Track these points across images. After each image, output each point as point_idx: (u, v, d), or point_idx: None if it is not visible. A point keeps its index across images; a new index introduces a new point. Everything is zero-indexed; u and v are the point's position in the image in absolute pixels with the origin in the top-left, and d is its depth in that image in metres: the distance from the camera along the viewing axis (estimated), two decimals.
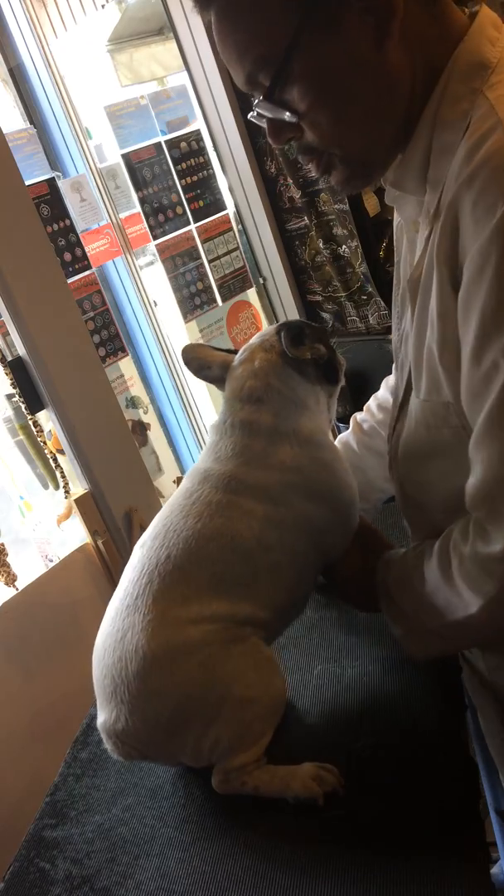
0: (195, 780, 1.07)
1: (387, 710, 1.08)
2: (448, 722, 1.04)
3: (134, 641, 0.98)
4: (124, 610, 1.01)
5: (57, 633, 2.01)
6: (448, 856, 0.85)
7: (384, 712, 1.07)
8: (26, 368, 1.98)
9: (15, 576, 1.98)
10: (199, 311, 2.78)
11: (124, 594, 1.03)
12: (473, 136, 0.78)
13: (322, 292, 2.75)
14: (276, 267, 2.84)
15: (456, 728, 1.03)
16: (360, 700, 1.11)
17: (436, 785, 0.94)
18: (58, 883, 0.99)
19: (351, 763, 0.99)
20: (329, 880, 0.86)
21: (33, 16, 2.42)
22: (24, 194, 2.00)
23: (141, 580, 1.02)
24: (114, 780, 1.13)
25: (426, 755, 0.99)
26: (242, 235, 2.88)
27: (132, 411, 2.68)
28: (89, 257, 2.41)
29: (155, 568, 1.01)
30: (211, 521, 1.03)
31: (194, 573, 1.01)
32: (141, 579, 1.02)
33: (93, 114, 2.57)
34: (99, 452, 2.10)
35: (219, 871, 0.92)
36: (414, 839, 0.88)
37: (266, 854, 0.93)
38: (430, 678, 1.10)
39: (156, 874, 0.95)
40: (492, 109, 0.78)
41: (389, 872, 0.85)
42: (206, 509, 1.04)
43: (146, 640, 0.97)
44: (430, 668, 1.11)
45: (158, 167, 2.66)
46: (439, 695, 1.08)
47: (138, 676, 0.97)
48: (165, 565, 1.01)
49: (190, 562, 1.01)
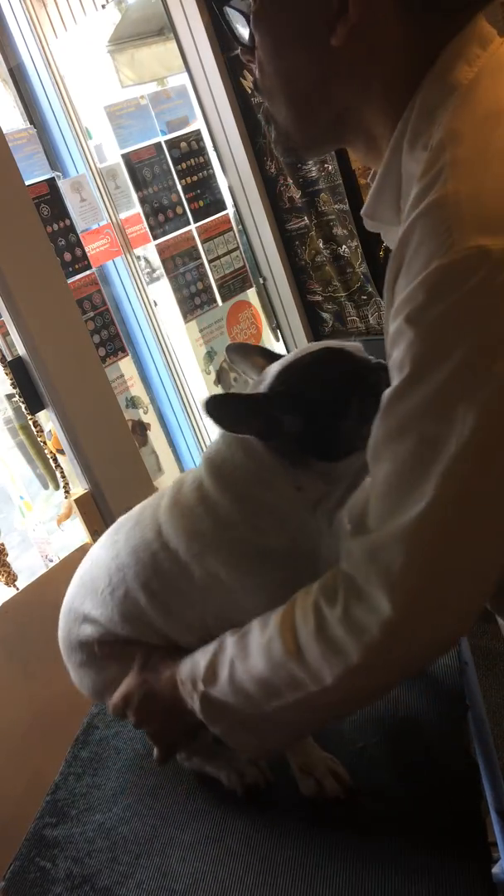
0: (196, 780, 1.07)
1: (387, 710, 1.08)
2: (448, 722, 1.04)
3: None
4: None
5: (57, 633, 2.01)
6: (448, 856, 0.85)
7: (385, 712, 1.08)
8: (26, 368, 1.99)
9: (15, 576, 1.98)
10: (199, 311, 2.78)
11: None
12: (425, 175, 0.68)
13: (322, 292, 2.75)
14: (276, 267, 2.84)
15: (456, 728, 1.03)
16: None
17: (436, 785, 0.95)
18: (58, 882, 0.99)
19: (351, 763, 0.99)
20: (329, 880, 0.87)
21: (33, 16, 2.42)
22: (24, 194, 2.00)
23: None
24: (114, 779, 1.13)
25: (426, 755, 0.99)
26: (242, 235, 2.88)
27: (132, 411, 2.68)
28: (89, 257, 2.41)
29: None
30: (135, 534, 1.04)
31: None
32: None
33: (93, 114, 2.57)
34: (99, 452, 2.10)
35: (220, 871, 0.92)
36: (414, 839, 0.88)
37: (267, 854, 0.93)
38: (431, 678, 1.11)
39: (157, 873, 0.95)
40: (441, 148, 0.68)
41: (390, 872, 0.85)
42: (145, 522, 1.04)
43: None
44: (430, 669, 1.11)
45: (158, 167, 2.66)
46: (439, 695, 1.08)
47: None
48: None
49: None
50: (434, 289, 0.61)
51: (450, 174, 0.64)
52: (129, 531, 1.06)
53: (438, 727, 1.03)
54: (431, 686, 1.09)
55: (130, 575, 1.02)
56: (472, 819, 0.90)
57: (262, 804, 0.99)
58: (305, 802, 0.97)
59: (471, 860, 0.85)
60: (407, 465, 0.65)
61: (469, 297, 0.60)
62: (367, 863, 0.87)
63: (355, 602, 0.69)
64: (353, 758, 1.01)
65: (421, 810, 0.92)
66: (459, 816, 0.90)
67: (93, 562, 1.11)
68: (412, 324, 0.63)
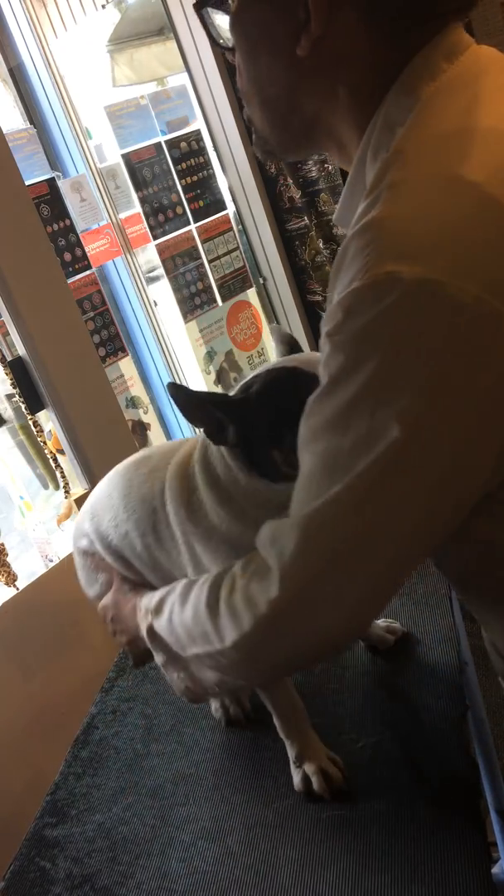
0: (196, 780, 1.07)
1: (387, 709, 1.08)
2: (448, 722, 1.04)
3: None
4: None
5: (57, 633, 2.01)
6: (448, 855, 0.85)
7: (384, 712, 1.08)
8: (26, 368, 1.99)
9: (15, 576, 1.98)
10: (199, 311, 2.78)
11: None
12: (371, 193, 0.67)
13: (322, 292, 2.75)
14: (276, 267, 2.85)
15: (456, 728, 1.03)
16: (360, 700, 1.11)
17: (436, 785, 0.95)
18: (58, 882, 0.99)
19: (351, 762, 0.99)
20: (329, 880, 0.87)
21: (33, 16, 2.43)
22: (24, 194, 2.00)
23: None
24: (114, 779, 1.13)
25: (426, 755, 0.99)
26: (242, 235, 2.89)
27: (132, 411, 2.68)
28: (89, 257, 2.41)
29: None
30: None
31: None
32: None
33: (93, 114, 2.57)
34: (99, 452, 2.10)
35: (219, 871, 0.93)
36: (414, 839, 0.88)
37: (266, 854, 0.93)
38: (431, 678, 1.11)
39: (156, 874, 0.95)
40: (386, 167, 0.68)
41: (390, 872, 0.85)
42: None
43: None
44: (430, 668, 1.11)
45: (158, 167, 2.66)
46: (439, 695, 1.08)
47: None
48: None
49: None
50: (349, 308, 0.64)
51: (386, 196, 0.65)
52: (146, 475, 1.09)
53: (438, 727, 1.03)
54: (431, 686, 1.09)
55: (133, 520, 1.07)
56: (472, 819, 0.90)
57: (262, 805, 0.99)
58: (305, 802, 0.97)
59: (471, 860, 0.85)
60: (319, 465, 0.68)
61: (381, 316, 0.62)
62: (366, 862, 0.87)
63: (257, 578, 0.73)
64: (352, 756, 1.01)
65: (421, 810, 0.92)
66: (459, 816, 0.90)
67: (110, 485, 1.16)
68: (330, 338, 0.66)
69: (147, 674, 1.33)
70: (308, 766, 0.98)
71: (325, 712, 1.10)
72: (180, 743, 1.15)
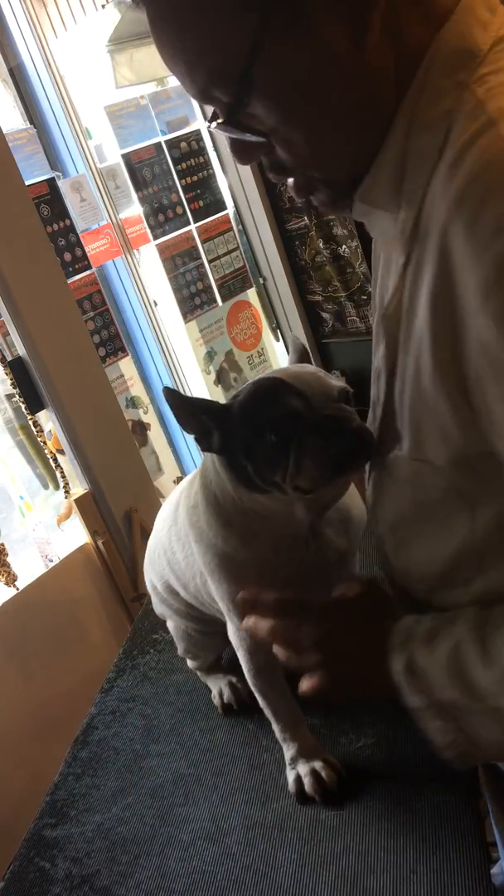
0: (195, 780, 1.07)
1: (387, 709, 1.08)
2: None
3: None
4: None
5: (57, 633, 2.01)
6: (448, 856, 0.85)
7: (384, 711, 1.07)
8: (26, 368, 1.99)
9: (15, 576, 1.99)
10: (199, 311, 2.79)
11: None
12: (458, 141, 0.63)
13: (322, 292, 2.75)
14: (276, 267, 2.85)
15: None
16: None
17: (435, 785, 0.94)
18: (58, 882, 0.99)
19: (350, 762, 0.99)
20: (329, 880, 0.87)
21: (33, 16, 2.43)
22: (24, 194, 2.00)
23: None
24: (114, 779, 1.13)
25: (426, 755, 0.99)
26: (242, 235, 2.89)
27: (132, 411, 2.68)
28: (89, 257, 2.41)
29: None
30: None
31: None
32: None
33: (93, 114, 2.57)
34: (99, 452, 2.11)
35: (219, 871, 0.92)
36: (414, 839, 0.88)
37: (265, 854, 0.93)
38: None
39: (156, 874, 0.95)
40: (480, 106, 0.62)
41: (389, 872, 0.85)
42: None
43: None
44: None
45: (158, 167, 2.66)
46: None
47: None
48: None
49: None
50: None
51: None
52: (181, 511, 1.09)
53: None
54: None
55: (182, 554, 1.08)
56: (472, 819, 0.90)
57: (261, 804, 0.99)
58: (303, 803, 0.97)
59: (470, 860, 0.85)
60: None
61: None
62: (365, 862, 0.87)
63: None
64: (352, 756, 1.01)
65: (420, 810, 0.92)
66: (459, 817, 0.90)
67: (162, 527, 1.17)
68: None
69: (147, 674, 1.33)
70: (301, 767, 0.98)
71: (324, 713, 1.10)
72: (179, 743, 1.15)
